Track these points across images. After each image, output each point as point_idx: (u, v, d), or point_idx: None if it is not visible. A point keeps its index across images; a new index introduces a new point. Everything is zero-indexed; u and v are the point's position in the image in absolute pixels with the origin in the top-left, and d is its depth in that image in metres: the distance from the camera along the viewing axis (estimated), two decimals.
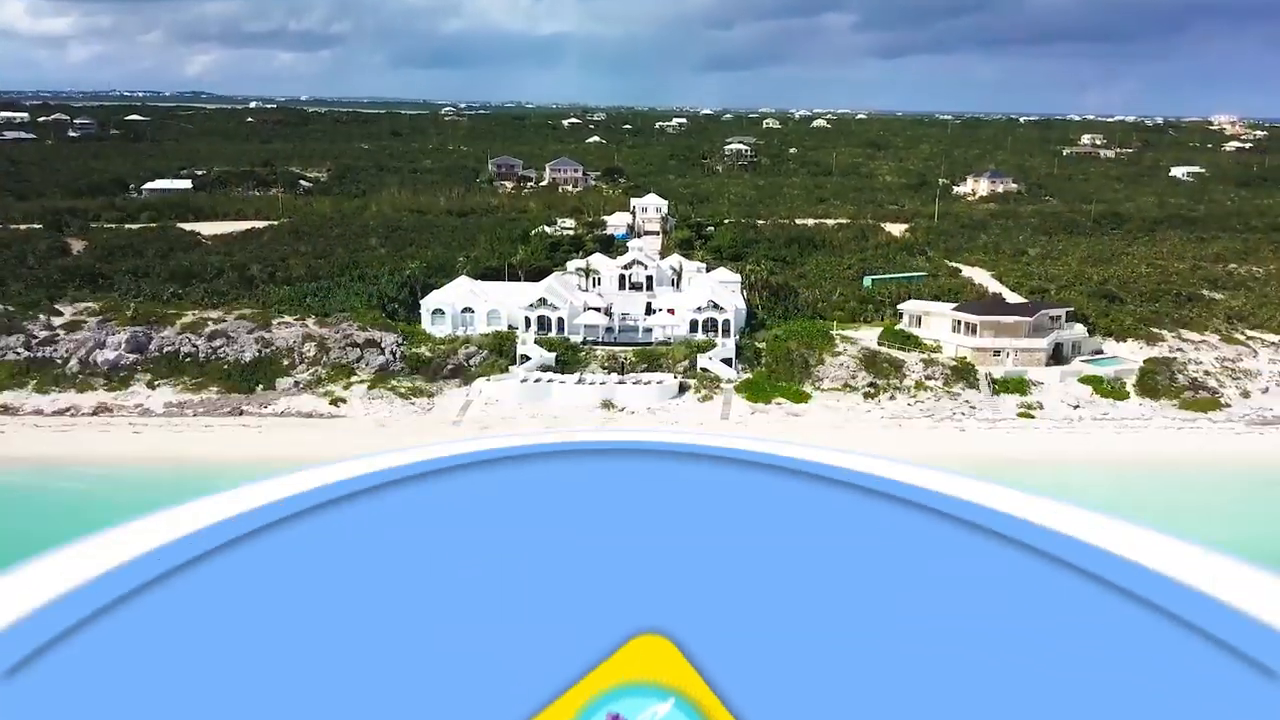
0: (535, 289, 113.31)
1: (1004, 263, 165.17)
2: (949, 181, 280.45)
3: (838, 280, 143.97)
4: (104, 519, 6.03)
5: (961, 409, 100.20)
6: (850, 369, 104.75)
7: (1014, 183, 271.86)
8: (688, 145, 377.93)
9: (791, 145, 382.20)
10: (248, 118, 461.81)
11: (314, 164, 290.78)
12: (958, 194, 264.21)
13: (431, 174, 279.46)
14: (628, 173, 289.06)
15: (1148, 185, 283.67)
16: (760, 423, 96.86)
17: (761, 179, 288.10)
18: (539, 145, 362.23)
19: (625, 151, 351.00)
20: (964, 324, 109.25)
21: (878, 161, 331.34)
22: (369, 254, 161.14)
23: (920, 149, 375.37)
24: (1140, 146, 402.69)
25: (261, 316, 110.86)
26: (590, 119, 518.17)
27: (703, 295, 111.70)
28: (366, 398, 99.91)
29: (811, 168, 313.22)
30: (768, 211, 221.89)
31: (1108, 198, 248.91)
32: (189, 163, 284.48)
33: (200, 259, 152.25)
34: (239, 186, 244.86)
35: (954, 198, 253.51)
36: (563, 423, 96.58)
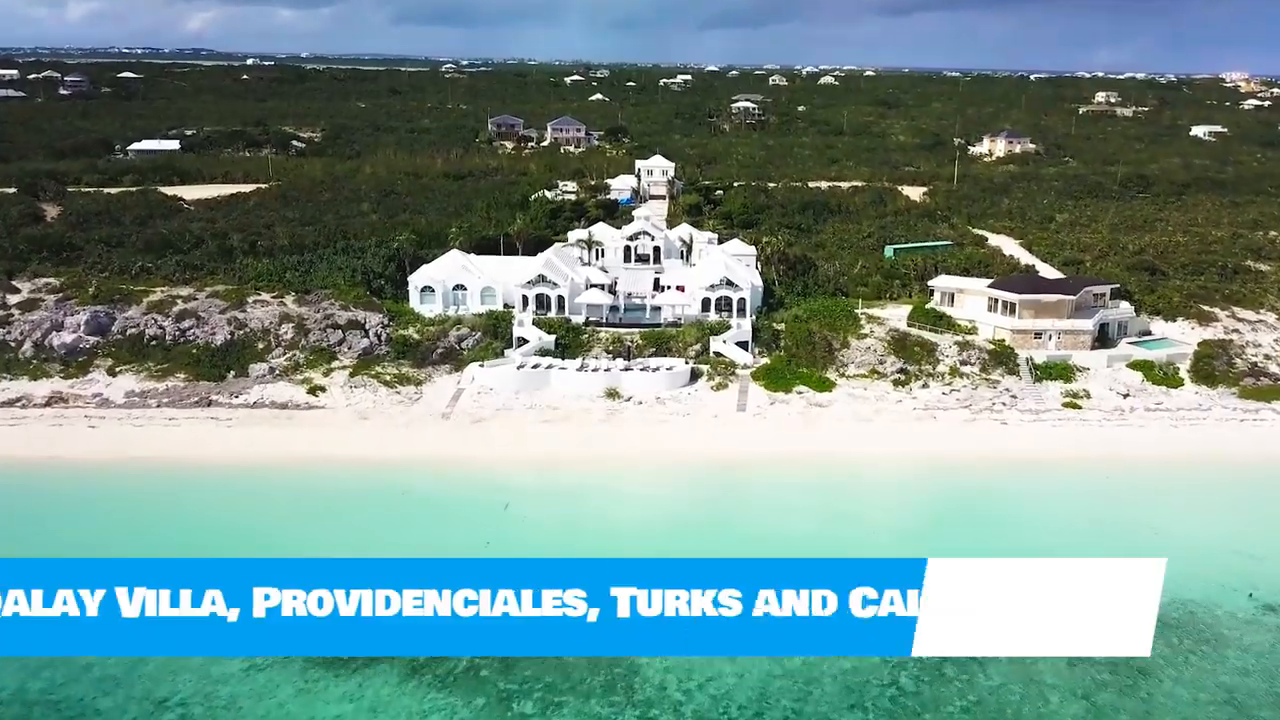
0: (533, 264, 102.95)
1: (1031, 230, 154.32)
2: (964, 142, 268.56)
3: (857, 250, 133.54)
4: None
5: (1001, 398, 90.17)
6: (878, 353, 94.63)
7: (1031, 143, 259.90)
8: (693, 103, 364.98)
9: (800, 103, 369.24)
10: (244, 75, 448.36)
11: (308, 123, 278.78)
12: (974, 154, 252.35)
13: (429, 134, 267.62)
14: (632, 132, 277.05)
15: (1169, 145, 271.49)
16: (780, 415, 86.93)
17: (770, 138, 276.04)
18: (541, 103, 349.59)
19: (629, 110, 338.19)
20: (1001, 303, 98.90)
21: (889, 120, 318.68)
22: (359, 220, 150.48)
23: (932, 107, 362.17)
24: (1157, 105, 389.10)
25: (235, 294, 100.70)
26: (593, 76, 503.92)
27: (716, 270, 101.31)
28: (348, 386, 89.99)
29: (821, 127, 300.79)
30: (778, 173, 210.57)
31: (1130, 159, 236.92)
32: (179, 122, 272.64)
33: (180, 227, 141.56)
34: (229, 147, 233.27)
35: (971, 159, 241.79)
36: (563, 415, 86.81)
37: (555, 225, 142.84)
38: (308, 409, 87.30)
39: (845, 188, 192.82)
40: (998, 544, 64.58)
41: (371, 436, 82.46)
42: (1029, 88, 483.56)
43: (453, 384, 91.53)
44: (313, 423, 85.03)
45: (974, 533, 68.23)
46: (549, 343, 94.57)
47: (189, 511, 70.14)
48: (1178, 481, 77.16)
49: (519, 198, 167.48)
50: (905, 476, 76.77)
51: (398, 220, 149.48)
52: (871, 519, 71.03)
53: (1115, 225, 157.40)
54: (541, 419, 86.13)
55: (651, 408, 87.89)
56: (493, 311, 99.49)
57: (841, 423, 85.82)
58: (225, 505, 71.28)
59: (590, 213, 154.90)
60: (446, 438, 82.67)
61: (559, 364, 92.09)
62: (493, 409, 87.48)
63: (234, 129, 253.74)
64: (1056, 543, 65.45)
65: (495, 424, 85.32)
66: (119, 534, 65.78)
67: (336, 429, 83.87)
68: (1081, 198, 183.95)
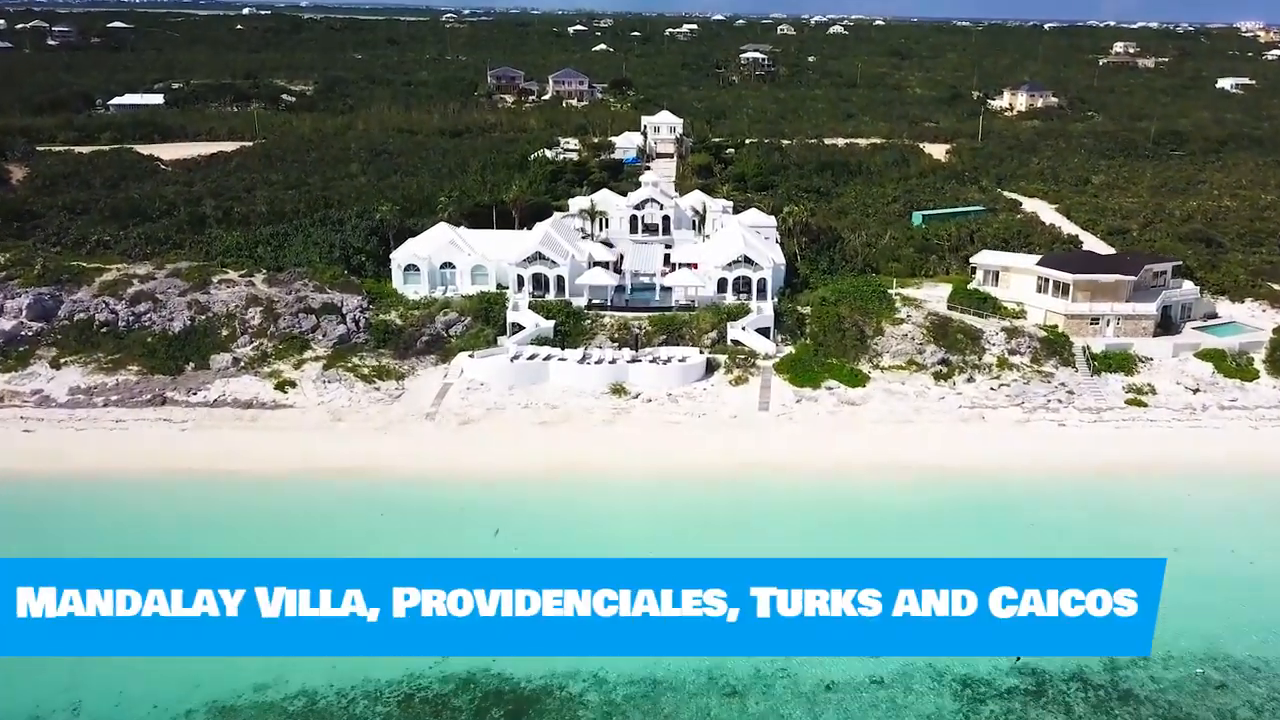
0: (530, 239, 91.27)
1: (1066, 193, 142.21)
2: (984, 95, 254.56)
3: (883, 218, 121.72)
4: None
5: (1056, 394, 79.02)
6: (916, 341, 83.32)
7: (1054, 97, 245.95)
8: (700, 53, 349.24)
9: (810, 53, 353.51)
10: (238, 25, 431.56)
11: (301, 76, 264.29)
12: (995, 108, 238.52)
13: (427, 87, 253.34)
14: (637, 84, 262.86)
15: (1196, 99, 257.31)
16: (808, 415, 75.90)
17: (781, 91, 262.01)
18: (542, 54, 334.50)
19: (634, 61, 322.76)
20: (1053, 283, 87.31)
21: (904, 72, 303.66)
22: (347, 183, 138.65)
23: (947, 58, 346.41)
24: (1177, 55, 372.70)
25: (199, 273, 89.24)
26: (597, 26, 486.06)
27: (733, 246, 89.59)
28: (321, 381, 78.94)
29: (834, 78, 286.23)
30: (792, 129, 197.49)
31: (1158, 113, 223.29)
32: (166, 74, 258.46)
33: (153, 191, 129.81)
34: (215, 102, 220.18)
35: (992, 113, 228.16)
36: (562, 414, 75.86)
37: (555, 189, 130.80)
38: (275, 408, 76.31)
39: (864, 145, 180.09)
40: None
41: (346, 442, 71.53)
42: (1044, 38, 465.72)
43: (439, 377, 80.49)
44: (280, 425, 74.09)
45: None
46: (547, 329, 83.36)
47: (127, 537, 59.34)
48: (1271, 500, 66.23)
49: (518, 158, 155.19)
50: (957, 495, 65.51)
51: (387, 183, 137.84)
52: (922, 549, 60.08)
53: (1155, 188, 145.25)
54: (538, 419, 75.17)
55: (662, 406, 76.87)
56: (484, 293, 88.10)
57: (878, 425, 74.77)
58: (172, 529, 60.56)
59: (593, 175, 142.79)
60: (431, 443, 71.76)
61: (558, 354, 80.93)
62: (483, 408, 76.48)
63: (223, 82, 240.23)
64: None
65: (486, 426, 74.39)
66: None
67: (306, 432, 72.96)
68: (1114, 156, 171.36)
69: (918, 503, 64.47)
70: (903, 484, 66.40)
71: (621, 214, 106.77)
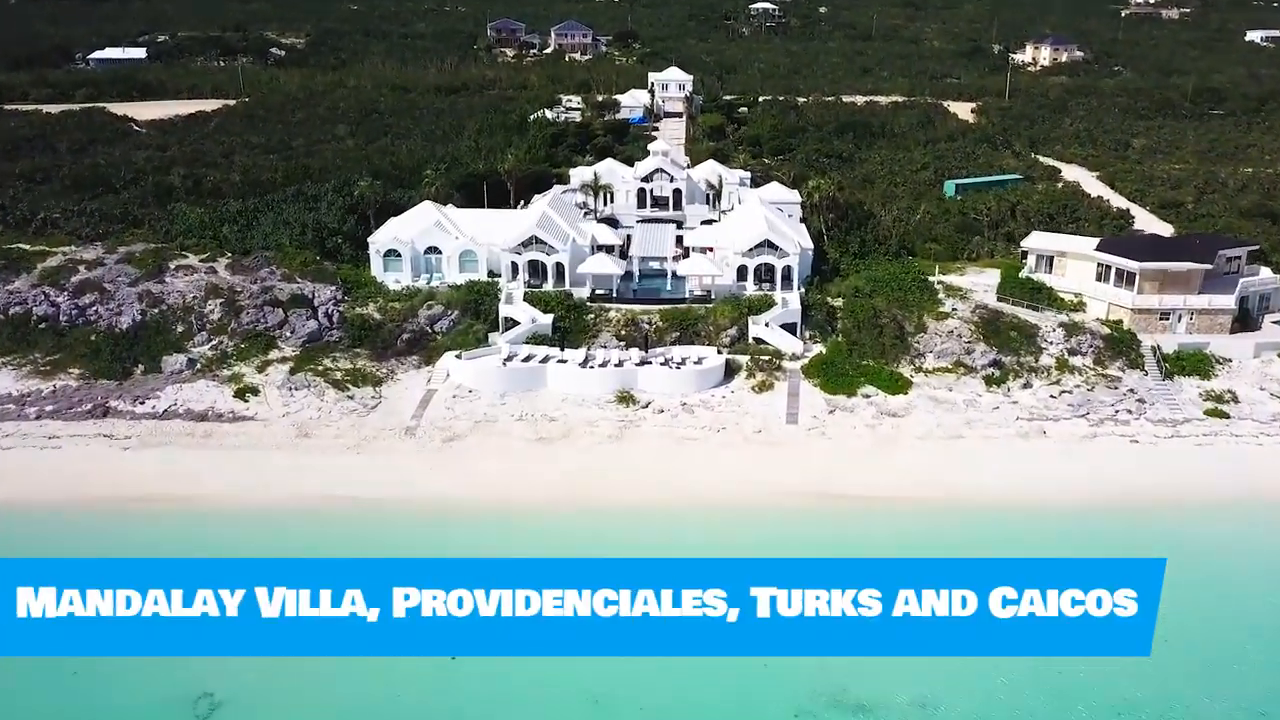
0: (525, 219, 80.00)
1: (1107, 158, 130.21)
2: (1005, 48, 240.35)
3: (913, 187, 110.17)
4: None
5: (1125, 403, 68.26)
6: (964, 339, 72.46)
7: (1078, 50, 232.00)
8: (708, 3, 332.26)
9: (821, 3, 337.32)
10: None
11: (293, 27, 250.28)
12: (1018, 63, 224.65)
13: (424, 39, 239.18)
14: (643, 37, 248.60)
15: (1225, 52, 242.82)
16: (843, 430, 65.27)
17: (793, 44, 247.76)
18: (544, 4, 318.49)
19: (640, 11, 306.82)
20: (1116, 271, 76.16)
21: (920, 23, 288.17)
22: (333, 147, 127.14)
23: (964, 9, 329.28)
24: (1201, 6, 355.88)
25: (154, 258, 78.24)
26: None
27: (754, 228, 78.35)
28: (287, 387, 68.30)
29: (847, 30, 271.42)
30: (807, 86, 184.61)
31: (1188, 68, 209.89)
32: (152, 25, 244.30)
33: (122, 156, 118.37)
34: (201, 56, 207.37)
35: (1015, 68, 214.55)
36: (561, 427, 65.30)
37: (556, 156, 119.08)
38: (233, 420, 65.77)
39: (884, 103, 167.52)
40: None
41: (311, 465, 61.02)
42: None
43: (421, 382, 69.86)
44: (237, 442, 63.58)
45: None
46: (544, 325, 72.56)
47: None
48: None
49: (516, 119, 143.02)
50: (1023, 535, 54.87)
51: (376, 147, 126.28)
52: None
53: (1201, 152, 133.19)
54: (534, 434, 64.66)
55: (675, 417, 66.26)
56: (474, 282, 77.10)
57: (925, 441, 64.15)
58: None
59: (597, 138, 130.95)
60: (409, 465, 61.26)
61: (557, 355, 70.23)
62: (471, 420, 65.90)
63: (210, 35, 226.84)
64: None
65: (473, 443, 63.87)
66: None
67: (267, 452, 62.47)
68: (1151, 116, 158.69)
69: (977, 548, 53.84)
70: (959, 521, 55.68)
71: (628, 187, 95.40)
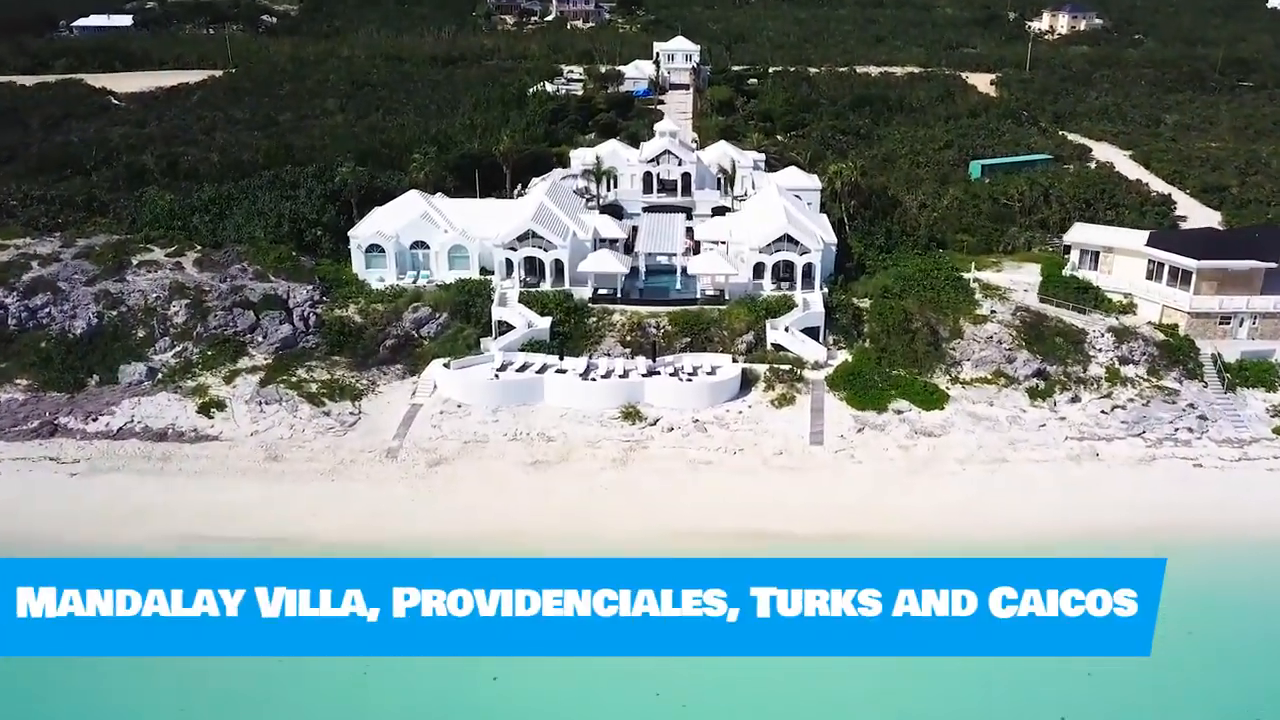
0: (521, 211, 72.29)
1: (1138, 136, 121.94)
2: (1021, 15, 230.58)
3: (934, 166, 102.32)
4: None
5: (1185, 420, 60.88)
6: (1004, 346, 65.02)
7: (1097, 18, 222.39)
8: None
9: None
10: None
11: None
12: (1035, 31, 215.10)
13: (422, 6, 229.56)
14: (647, 4, 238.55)
15: (1247, 19, 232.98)
16: (874, 450, 57.99)
17: (802, 10, 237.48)
18: None
19: None
20: (1169, 270, 68.57)
21: None
22: (321, 123, 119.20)
23: None
24: None
25: (115, 252, 70.74)
26: None
27: (773, 220, 70.63)
28: (257, 401, 61.01)
29: None
30: (818, 56, 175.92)
31: (1212, 37, 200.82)
32: None
33: (97, 133, 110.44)
34: (190, 23, 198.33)
35: (1032, 36, 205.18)
36: (559, 449, 58.07)
37: (556, 133, 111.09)
38: (195, 440, 58.54)
39: (900, 74, 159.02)
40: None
41: (279, 494, 53.89)
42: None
43: (405, 395, 62.56)
44: (198, 467, 56.40)
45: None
46: (542, 330, 65.13)
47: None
48: None
49: (515, 92, 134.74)
50: None
51: (366, 123, 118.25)
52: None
53: (1238, 129, 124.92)
54: (529, 457, 57.44)
55: (687, 437, 59.00)
56: (464, 281, 69.53)
57: (966, 466, 56.90)
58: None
59: (600, 114, 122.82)
60: (389, 494, 54.08)
61: (555, 364, 62.92)
62: (459, 440, 58.65)
63: (200, 0, 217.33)
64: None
65: (462, 468, 56.66)
66: None
67: (231, 479, 55.31)
68: (1180, 89, 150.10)
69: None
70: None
71: (633, 170, 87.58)
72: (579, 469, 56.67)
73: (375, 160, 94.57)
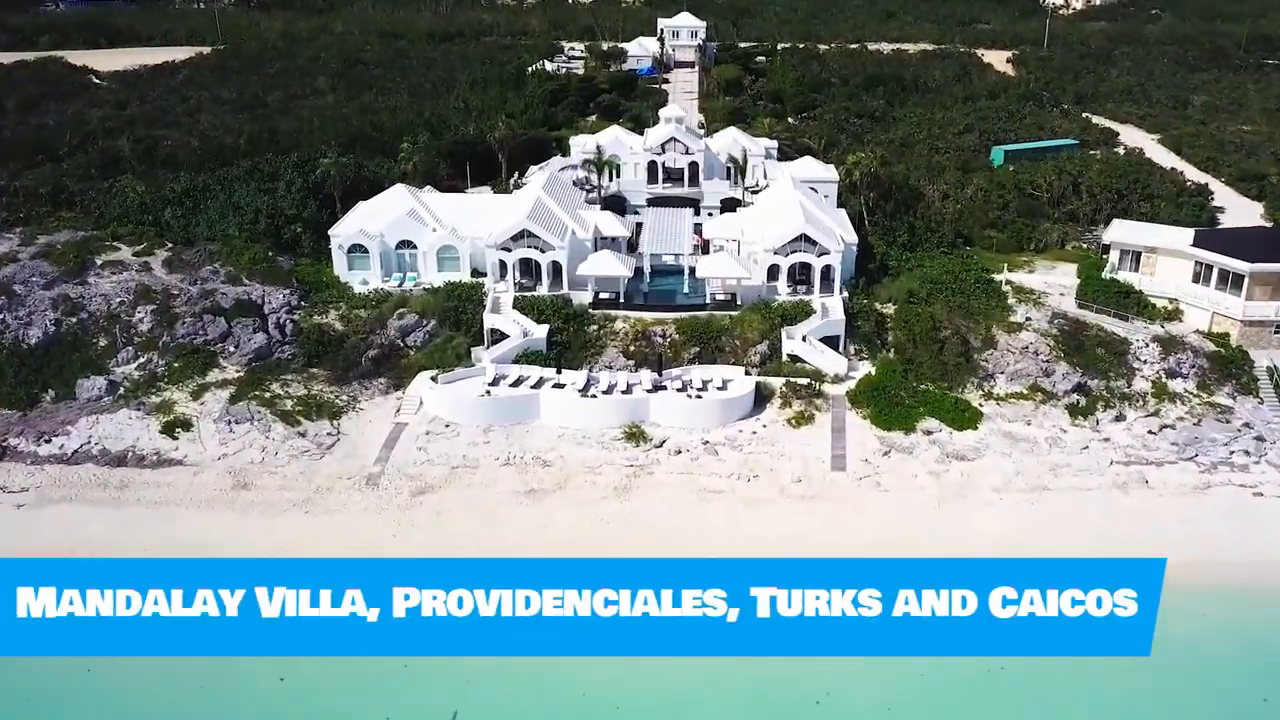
0: (516, 208, 66.33)
1: (1165, 119, 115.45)
2: None
3: (954, 152, 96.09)
4: None
5: (1240, 441, 55.15)
6: (1042, 357, 59.27)
7: None
8: None
9: None
10: None
11: None
12: (1050, 5, 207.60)
13: None
14: None
15: None
16: (902, 477, 52.40)
17: None
18: None
19: None
20: (1219, 272, 62.67)
21: None
22: (311, 104, 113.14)
23: None
24: None
25: (77, 251, 64.96)
26: None
27: (789, 219, 64.68)
28: (226, 420, 55.41)
29: None
30: (828, 32, 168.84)
31: (1232, 11, 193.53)
32: None
33: (75, 115, 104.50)
34: None
35: (1048, 11, 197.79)
36: (556, 475, 52.52)
37: (555, 116, 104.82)
38: (156, 465, 53.00)
39: (912, 52, 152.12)
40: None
41: (247, 529, 48.46)
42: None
43: (389, 412, 56.95)
44: (159, 496, 50.93)
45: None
46: (538, 339, 59.39)
47: None
48: None
49: (513, 70, 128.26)
50: None
51: (358, 104, 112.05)
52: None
53: (1270, 111, 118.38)
54: (523, 485, 51.93)
55: (696, 460, 53.46)
56: (454, 285, 63.70)
57: (1003, 496, 51.31)
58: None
59: (602, 94, 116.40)
60: (367, 530, 48.61)
61: (552, 379, 57.26)
62: (447, 465, 53.11)
63: None
64: None
65: (449, 496, 51.18)
66: None
67: (194, 510, 49.88)
68: (1205, 68, 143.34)
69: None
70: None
71: (637, 159, 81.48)
72: (577, 497, 51.16)
73: (364, 145, 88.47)
